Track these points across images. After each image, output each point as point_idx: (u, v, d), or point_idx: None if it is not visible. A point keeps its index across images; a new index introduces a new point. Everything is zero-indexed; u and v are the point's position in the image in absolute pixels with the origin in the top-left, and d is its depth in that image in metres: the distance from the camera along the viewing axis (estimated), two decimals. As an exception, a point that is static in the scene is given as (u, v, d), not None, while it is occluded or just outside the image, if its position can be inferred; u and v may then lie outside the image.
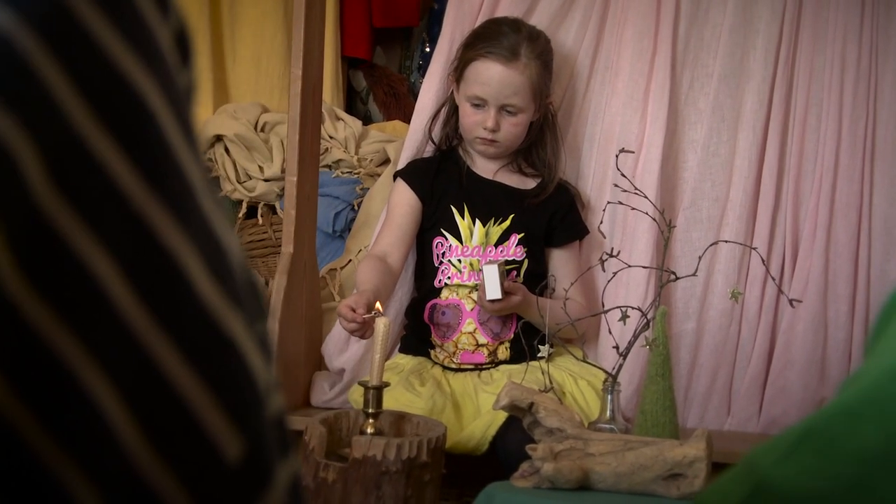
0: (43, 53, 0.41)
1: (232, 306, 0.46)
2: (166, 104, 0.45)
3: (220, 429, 0.44)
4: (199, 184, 0.46)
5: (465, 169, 2.47)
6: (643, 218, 2.35)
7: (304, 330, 2.45)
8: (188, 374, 0.43)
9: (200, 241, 0.45)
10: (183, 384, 0.43)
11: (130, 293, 0.42)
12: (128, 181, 0.42)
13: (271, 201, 3.06)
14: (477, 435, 2.15)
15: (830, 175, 2.48)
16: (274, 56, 3.37)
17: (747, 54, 2.55)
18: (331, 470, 1.87)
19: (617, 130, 2.56)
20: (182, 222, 0.44)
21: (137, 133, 0.43)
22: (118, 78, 0.43)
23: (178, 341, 0.43)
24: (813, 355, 2.43)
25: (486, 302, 2.26)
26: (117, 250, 0.42)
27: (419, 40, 3.74)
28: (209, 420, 0.43)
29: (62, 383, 0.40)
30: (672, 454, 1.69)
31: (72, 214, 0.41)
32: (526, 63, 2.36)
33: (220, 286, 0.45)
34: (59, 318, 0.40)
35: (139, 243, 0.42)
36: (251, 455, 0.45)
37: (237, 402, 0.45)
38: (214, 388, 0.44)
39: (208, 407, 0.43)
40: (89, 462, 0.41)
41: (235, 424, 0.44)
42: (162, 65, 0.46)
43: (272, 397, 0.48)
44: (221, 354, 0.45)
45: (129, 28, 0.44)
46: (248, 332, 0.46)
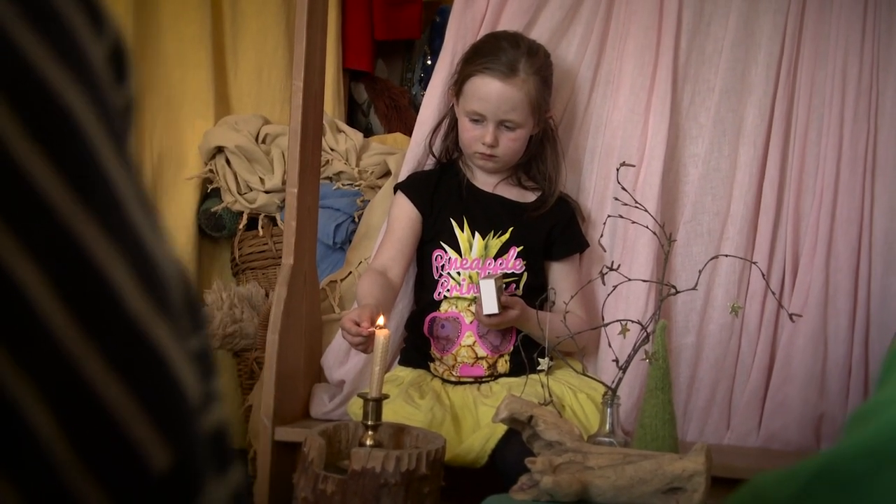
0: None
1: (161, 319, 0.45)
2: (96, 118, 0.45)
3: (145, 439, 0.44)
4: (130, 198, 0.46)
5: (464, 182, 2.47)
6: (643, 231, 2.35)
7: (304, 342, 2.45)
8: (114, 385, 0.43)
9: (129, 254, 0.45)
10: (108, 394, 0.43)
11: (56, 303, 0.42)
12: (55, 192, 0.42)
13: (272, 213, 3.06)
14: (476, 447, 2.15)
15: (831, 190, 2.49)
16: (275, 68, 3.38)
17: (749, 69, 2.55)
18: (330, 482, 1.87)
19: (618, 144, 2.56)
20: (110, 234, 0.44)
21: (65, 145, 0.43)
22: (45, 90, 0.43)
23: (103, 352, 0.43)
24: (813, 370, 2.43)
25: (483, 316, 2.26)
26: (43, 260, 0.42)
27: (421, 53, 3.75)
28: (134, 430, 0.43)
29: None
30: (671, 468, 1.69)
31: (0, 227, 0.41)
32: (524, 79, 2.36)
33: (148, 299, 0.45)
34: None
35: (65, 254, 0.42)
36: (180, 467, 0.45)
37: (164, 414, 0.45)
38: (140, 398, 0.44)
39: (134, 417, 0.43)
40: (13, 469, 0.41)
41: (162, 435, 0.44)
42: (93, 80, 0.46)
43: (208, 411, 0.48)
44: (148, 366, 0.44)
45: (58, 42, 0.44)
46: (179, 345, 0.46)
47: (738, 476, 2.18)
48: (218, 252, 3.25)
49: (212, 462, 0.48)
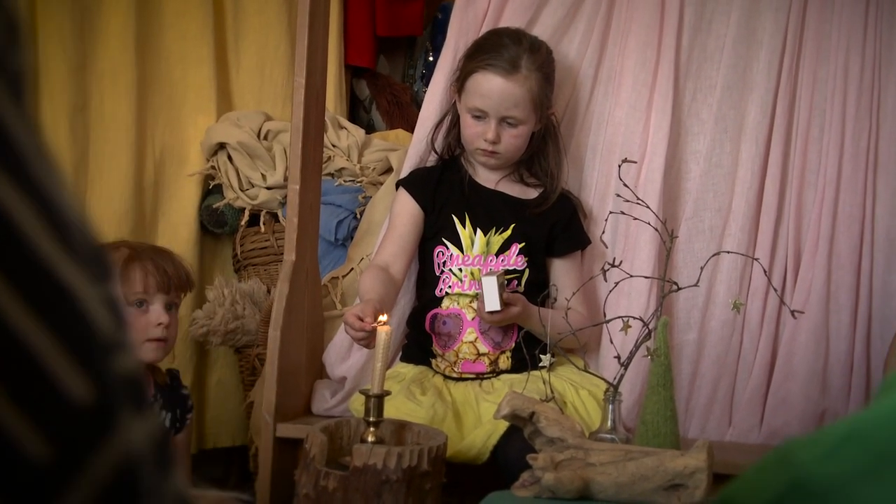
0: None
1: (71, 258, 0.48)
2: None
3: (62, 369, 0.46)
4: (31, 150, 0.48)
5: (466, 178, 2.47)
6: (645, 228, 2.35)
7: (306, 338, 2.45)
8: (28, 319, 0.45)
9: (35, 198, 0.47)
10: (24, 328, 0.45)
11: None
12: None
13: (274, 209, 3.06)
14: (478, 444, 2.15)
15: (833, 186, 2.49)
16: (277, 64, 3.37)
17: (750, 66, 2.55)
18: (331, 478, 1.87)
19: (620, 141, 2.56)
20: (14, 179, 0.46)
21: None
22: None
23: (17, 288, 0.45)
24: (814, 366, 2.43)
25: (485, 313, 2.26)
26: None
27: (423, 49, 3.75)
28: (52, 361, 0.45)
29: None
30: (673, 465, 1.69)
31: None
32: (526, 75, 2.36)
33: (56, 240, 0.47)
34: None
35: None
36: (97, 397, 0.47)
37: (79, 345, 0.47)
38: (55, 330, 0.46)
39: (50, 349, 0.45)
40: None
41: (79, 366, 0.46)
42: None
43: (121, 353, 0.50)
44: (60, 300, 0.47)
45: None
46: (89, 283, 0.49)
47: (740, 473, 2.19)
48: (220, 248, 3.26)
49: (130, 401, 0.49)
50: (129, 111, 3.09)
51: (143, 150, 3.14)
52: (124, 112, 3.09)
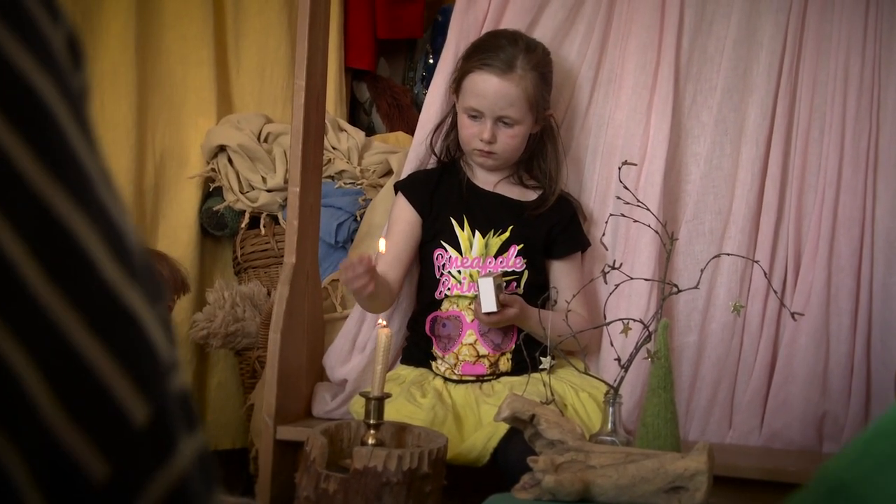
0: None
1: (132, 283, 0.49)
2: (62, 100, 0.48)
3: (125, 394, 0.46)
4: (97, 174, 0.49)
5: (465, 180, 2.48)
6: (645, 230, 2.35)
7: (306, 340, 2.45)
8: (95, 344, 0.46)
9: (100, 224, 0.48)
10: (91, 353, 0.46)
11: (40, 272, 0.45)
12: (31, 169, 0.45)
13: (274, 212, 3.06)
14: (478, 446, 2.15)
15: (833, 188, 2.48)
16: (278, 67, 3.37)
17: (750, 68, 2.55)
18: (332, 481, 1.87)
19: (620, 143, 2.56)
20: (82, 206, 0.47)
21: (37, 126, 0.46)
22: (18, 78, 0.46)
23: (84, 314, 0.46)
24: (815, 369, 2.43)
25: (482, 315, 2.27)
26: (26, 233, 0.45)
27: (423, 52, 3.75)
28: (116, 386, 0.46)
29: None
30: (673, 467, 1.69)
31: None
32: (521, 75, 2.36)
33: (120, 265, 0.48)
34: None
35: (44, 225, 0.45)
36: (156, 420, 0.48)
37: (141, 370, 0.48)
38: (119, 356, 0.47)
39: (115, 374, 0.46)
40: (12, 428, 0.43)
41: (140, 390, 0.47)
42: (56, 65, 0.49)
43: (175, 373, 0.51)
44: (124, 326, 0.47)
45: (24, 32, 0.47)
46: (148, 306, 0.49)
47: (741, 475, 2.19)
48: (220, 251, 3.25)
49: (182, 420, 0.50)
50: (129, 113, 3.09)
51: (144, 153, 3.14)
52: (124, 114, 3.09)
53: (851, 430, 2.39)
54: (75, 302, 0.46)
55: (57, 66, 0.49)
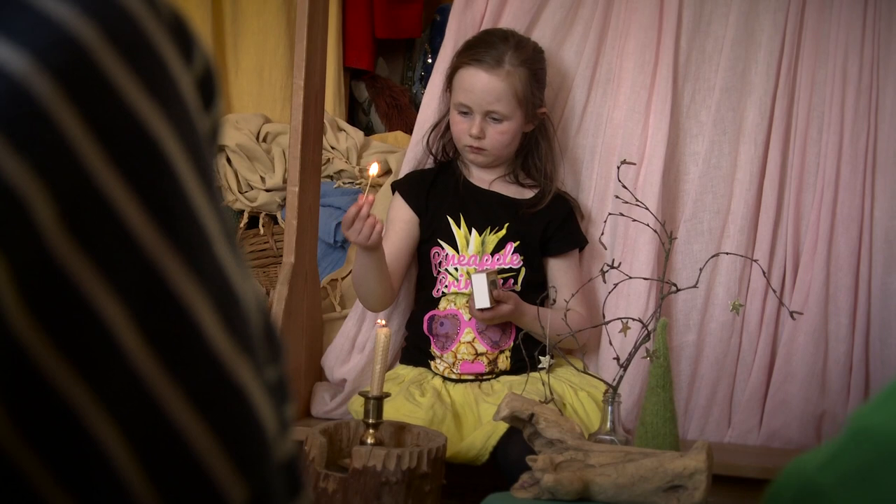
0: (59, 99, 0.41)
1: (242, 353, 0.46)
2: (184, 151, 0.45)
3: (225, 477, 0.44)
4: (216, 232, 0.46)
5: (461, 179, 2.48)
6: (644, 230, 2.35)
7: (305, 340, 2.45)
8: (195, 422, 0.43)
9: (213, 290, 0.45)
10: (190, 431, 0.43)
11: (139, 339, 0.42)
12: (141, 228, 0.42)
13: (273, 211, 3.06)
14: (477, 445, 2.15)
15: (832, 188, 2.48)
16: (276, 67, 3.37)
17: (749, 67, 2.55)
18: (331, 480, 1.87)
19: (618, 142, 2.56)
20: (195, 271, 0.44)
21: (152, 181, 0.43)
22: (135, 125, 0.43)
23: (185, 389, 0.43)
24: (813, 368, 2.43)
25: (475, 311, 2.27)
26: (127, 296, 0.42)
27: (421, 51, 3.75)
28: (215, 467, 0.44)
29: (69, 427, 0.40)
30: (672, 466, 1.69)
31: (83, 258, 0.41)
32: (510, 70, 2.37)
33: (231, 334, 0.45)
34: (67, 360, 0.40)
35: (150, 290, 0.42)
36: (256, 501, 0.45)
37: (243, 451, 0.45)
38: (221, 436, 0.44)
39: (214, 455, 0.44)
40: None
41: (241, 472, 0.45)
42: (182, 112, 0.46)
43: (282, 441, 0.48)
44: (229, 402, 0.45)
45: (148, 76, 0.44)
46: (259, 379, 0.46)
47: (739, 474, 2.19)
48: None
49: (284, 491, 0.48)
50: (128, 114, 3.09)
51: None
52: (123, 115, 3.08)
53: (850, 429, 2.39)
54: (176, 374, 0.43)
55: (183, 112, 0.46)
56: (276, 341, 0.50)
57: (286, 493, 0.49)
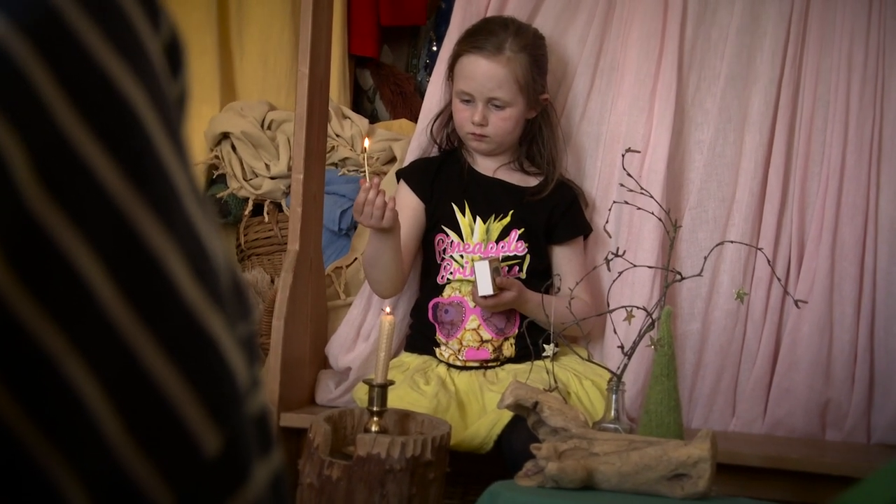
0: (33, 57, 0.42)
1: (214, 306, 0.47)
2: (154, 111, 0.46)
3: (198, 423, 0.45)
4: (185, 189, 0.47)
5: (466, 167, 2.48)
6: (649, 218, 2.35)
7: (310, 328, 2.45)
8: (169, 370, 0.44)
9: (184, 244, 0.46)
10: (164, 379, 0.44)
11: (114, 290, 0.43)
12: (114, 183, 0.43)
13: (277, 199, 3.06)
14: (482, 433, 2.15)
15: (837, 177, 2.48)
16: (281, 54, 3.37)
17: (754, 56, 2.55)
18: (335, 468, 1.88)
19: (623, 131, 2.56)
20: (166, 224, 0.45)
21: (123, 137, 0.44)
22: (106, 83, 0.44)
23: (159, 338, 0.44)
24: (818, 357, 2.43)
25: (479, 298, 2.27)
26: (102, 248, 0.43)
27: (426, 39, 3.74)
28: (188, 414, 0.45)
29: (47, 375, 0.41)
30: (676, 454, 1.70)
31: (58, 212, 0.42)
32: (510, 56, 2.37)
33: (202, 287, 0.46)
34: (45, 311, 0.41)
35: (123, 242, 0.43)
36: (229, 450, 0.46)
37: (216, 399, 0.46)
38: (194, 383, 0.45)
39: (188, 402, 0.45)
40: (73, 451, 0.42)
41: (214, 420, 0.46)
42: (151, 73, 0.47)
43: (253, 396, 0.49)
44: (202, 352, 0.46)
45: (118, 37, 0.45)
46: (230, 332, 0.48)
47: (744, 463, 2.19)
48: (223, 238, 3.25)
49: (257, 445, 0.49)
50: (132, 100, 3.09)
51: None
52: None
53: (854, 418, 2.40)
54: (150, 324, 0.44)
55: (152, 73, 0.47)
56: (244, 299, 0.51)
57: (259, 447, 0.49)
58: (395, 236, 2.30)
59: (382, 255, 2.32)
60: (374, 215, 2.21)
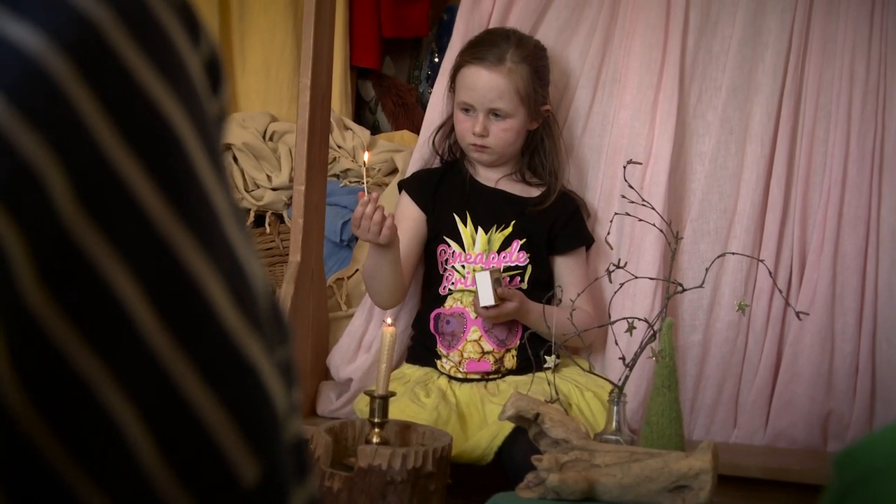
0: (73, 77, 0.41)
1: (253, 332, 0.46)
2: (194, 131, 0.45)
3: (237, 452, 0.44)
4: (225, 211, 0.46)
5: (467, 178, 2.48)
6: (650, 229, 2.35)
7: (311, 339, 2.45)
8: (207, 397, 0.43)
9: (224, 267, 0.45)
10: (202, 407, 0.43)
11: (153, 315, 0.42)
12: (153, 205, 0.43)
13: (279, 210, 3.06)
14: (483, 444, 2.15)
15: (838, 188, 2.48)
16: (283, 65, 3.38)
17: (756, 67, 2.55)
18: (336, 479, 1.88)
19: (625, 142, 2.56)
20: (206, 248, 0.44)
21: (164, 159, 0.44)
22: (147, 104, 0.43)
23: (198, 365, 0.43)
24: (820, 368, 2.42)
25: (480, 309, 2.27)
26: (141, 273, 0.42)
27: (428, 50, 3.75)
28: (226, 443, 0.44)
29: (83, 401, 0.41)
30: (678, 466, 1.69)
31: (97, 235, 0.41)
32: (511, 67, 2.37)
33: (241, 311, 0.46)
34: (82, 336, 0.41)
35: (163, 267, 0.43)
36: (267, 479, 0.46)
37: (255, 427, 0.45)
38: (233, 411, 0.44)
39: (226, 430, 0.44)
40: (107, 481, 0.41)
41: (252, 448, 0.45)
42: (191, 92, 0.46)
43: (291, 422, 0.49)
44: (241, 379, 0.45)
45: (159, 55, 0.45)
46: (269, 357, 0.47)
47: (745, 474, 2.19)
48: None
49: (294, 472, 0.48)
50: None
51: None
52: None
53: (856, 429, 2.39)
54: (189, 351, 0.43)
55: (192, 92, 0.46)
56: (283, 323, 0.51)
57: (296, 474, 0.49)
58: (395, 249, 2.30)
59: (381, 268, 2.32)
60: (372, 230, 2.21)
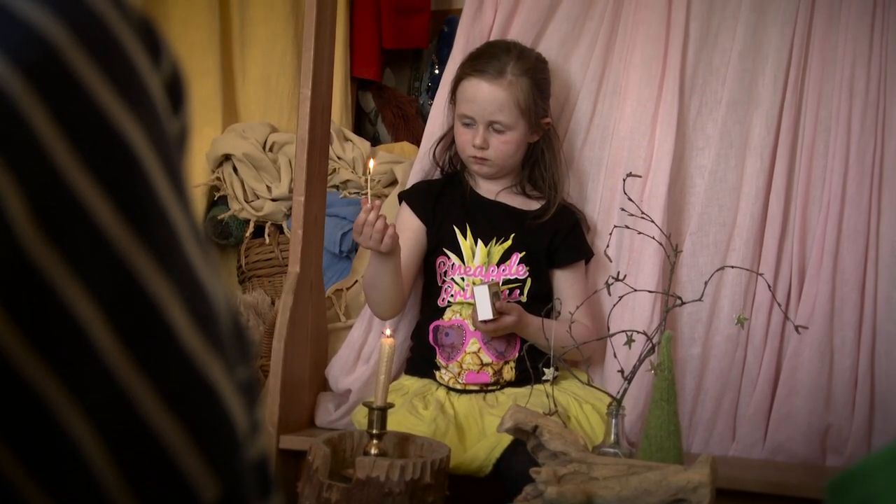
0: (31, 98, 0.41)
1: (213, 352, 0.46)
2: (153, 151, 0.45)
3: (196, 471, 0.44)
4: (185, 231, 0.47)
5: (468, 190, 2.48)
6: (650, 242, 2.35)
7: (310, 350, 2.45)
8: (166, 417, 0.43)
9: (183, 288, 0.45)
10: (161, 427, 0.43)
11: (111, 337, 0.42)
12: (112, 226, 0.43)
13: (279, 221, 3.06)
14: (481, 456, 2.15)
15: (838, 202, 2.48)
16: (283, 76, 3.38)
17: (756, 81, 2.55)
18: (334, 490, 1.87)
19: (624, 155, 2.56)
20: (165, 269, 0.44)
21: (122, 179, 0.43)
22: (105, 125, 0.43)
23: (157, 385, 0.43)
24: (819, 382, 2.42)
25: (478, 322, 2.27)
26: (100, 294, 0.42)
27: (428, 62, 3.76)
28: (185, 463, 0.44)
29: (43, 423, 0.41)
30: (676, 479, 1.69)
31: (55, 255, 0.41)
32: (511, 80, 2.37)
33: (201, 332, 0.45)
34: (40, 356, 0.41)
35: (122, 288, 0.43)
36: (226, 498, 0.46)
37: (214, 446, 0.45)
38: (192, 431, 0.44)
39: (185, 450, 0.44)
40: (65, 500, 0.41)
41: (212, 467, 0.45)
42: (151, 112, 0.46)
43: (252, 441, 0.49)
44: (200, 399, 0.45)
45: (118, 76, 0.44)
46: (229, 377, 0.47)
47: (744, 488, 2.19)
48: (224, 260, 3.26)
49: (256, 490, 0.48)
50: (134, 122, 3.09)
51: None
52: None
53: (855, 443, 2.39)
54: (148, 372, 0.43)
55: (152, 112, 0.46)
56: (245, 341, 0.50)
57: (258, 493, 0.49)
58: (395, 259, 2.30)
59: (382, 278, 2.32)
60: (374, 238, 2.21)
